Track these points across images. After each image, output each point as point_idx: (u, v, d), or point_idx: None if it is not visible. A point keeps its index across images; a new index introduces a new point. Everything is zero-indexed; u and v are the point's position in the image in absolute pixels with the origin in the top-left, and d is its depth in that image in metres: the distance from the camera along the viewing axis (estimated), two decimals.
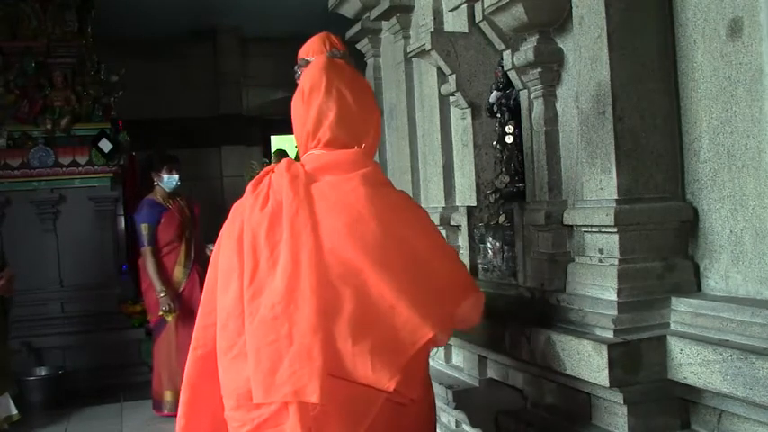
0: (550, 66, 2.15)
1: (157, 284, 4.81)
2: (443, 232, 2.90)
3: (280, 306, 1.66)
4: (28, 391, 5.48)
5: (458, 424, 2.72)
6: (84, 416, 5.25)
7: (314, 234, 1.69)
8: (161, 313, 4.82)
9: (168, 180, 5.00)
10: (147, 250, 4.87)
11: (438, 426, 2.78)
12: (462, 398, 2.32)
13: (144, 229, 4.87)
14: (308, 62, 1.99)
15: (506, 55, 2.23)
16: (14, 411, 4.50)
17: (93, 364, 5.92)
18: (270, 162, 6.99)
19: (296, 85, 1.97)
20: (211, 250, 1.99)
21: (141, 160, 7.12)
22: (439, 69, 2.81)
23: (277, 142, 8.70)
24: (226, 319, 1.77)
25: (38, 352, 5.94)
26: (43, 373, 5.73)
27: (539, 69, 2.15)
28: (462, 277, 1.85)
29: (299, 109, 1.88)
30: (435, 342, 1.76)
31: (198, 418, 1.89)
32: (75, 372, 5.78)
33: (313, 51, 2.00)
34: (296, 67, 2.00)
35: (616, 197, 1.85)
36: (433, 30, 2.90)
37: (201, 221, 5.21)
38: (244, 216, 1.81)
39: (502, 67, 2.32)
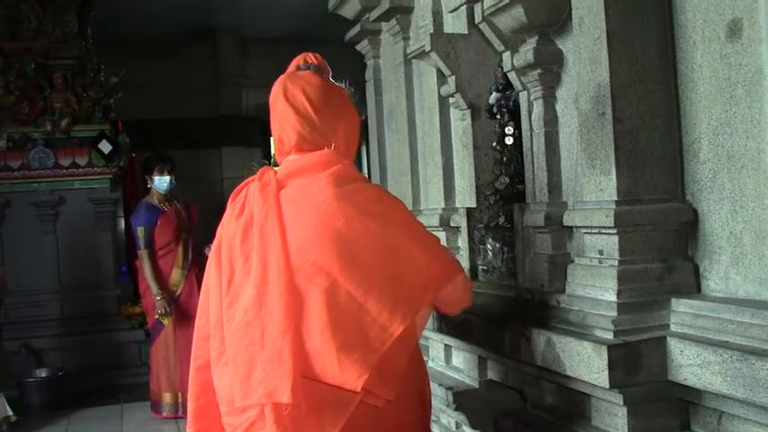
0: (550, 67, 2.15)
1: (154, 287, 4.80)
2: (443, 234, 2.90)
3: (252, 311, 1.70)
4: (28, 392, 5.48)
5: (457, 425, 2.72)
6: (84, 417, 5.25)
7: (282, 238, 1.72)
8: (157, 316, 4.81)
9: (160, 182, 4.97)
10: (143, 253, 4.86)
11: (438, 427, 2.78)
12: (462, 399, 2.32)
13: (140, 232, 4.85)
14: None
15: (506, 56, 2.23)
16: (10, 413, 4.49)
17: (92, 365, 5.93)
18: (269, 163, 6.98)
19: None
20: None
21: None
22: (439, 71, 2.81)
23: None
24: (213, 328, 1.82)
25: (37, 353, 5.94)
26: (43, 375, 5.73)
27: (538, 71, 2.15)
28: (443, 262, 1.83)
29: (271, 122, 1.94)
30: (413, 332, 1.79)
31: (207, 426, 1.92)
32: (75, 373, 5.78)
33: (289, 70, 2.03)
34: None
35: (616, 198, 1.85)
36: (432, 31, 2.90)
37: (199, 224, 5.20)
38: (221, 228, 1.88)
39: (501, 68, 2.32)
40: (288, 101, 1.87)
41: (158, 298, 4.77)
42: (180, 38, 8.64)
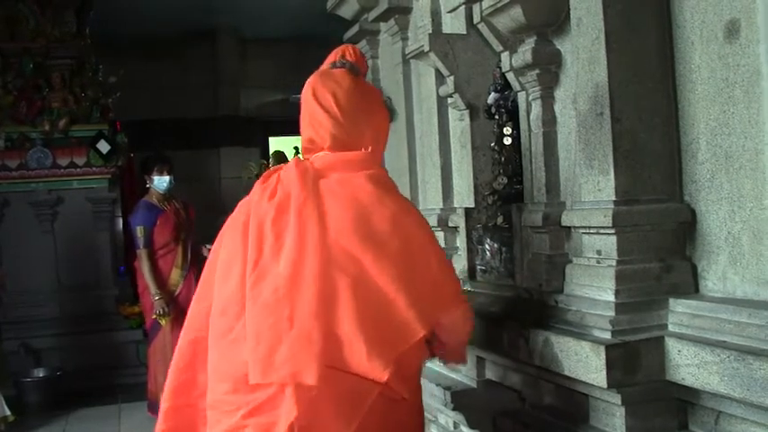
0: (548, 67, 2.15)
1: (152, 287, 4.79)
2: (441, 234, 2.90)
3: (283, 290, 1.70)
4: (26, 392, 5.48)
5: (455, 425, 2.72)
6: (82, 417, 5.25)
7: (320, 224, 1.74)
8: (155, 316, 4.81)
9: (159, 181, 4.96)
10: (142, 253, 4.85)
11: (436, 427, 2.78)
12: (460, 399, 2.32)
13: (139, 231, 4.84)
14: None
15: (504, 56, 2.24)
16: (8, 412, 4.48)
17: (90, 365, 5.92)
18: (268, 163, 6.98)
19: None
20: (209, 250, 2.02)
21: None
22: (437, 71, 2.81)
23: (276, 143, 8.70)
24: (225, 304, 1.80)
25: (36, 353, 5.93)
26: (41, 375, 5.72)
27: (537, 71, 2.15)
28: (453, 286, 1.88)
29: (300, 121, 1.96)
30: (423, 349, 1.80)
31: (185, 404, 1.90)
32: (73, 373, 5.77)
33: (324, 65, 2.04)
34: None
35: (614, 198, 1.85)
36: (431, 31, 2.90)
37: (197, 223, 5.19)
38: (251, 207, 1.86)
39: (500, 68, 2.32)
40: (318, 102, 1.90)
41: (157, 298, 4.77)
42: (179, 38, 8.63)
